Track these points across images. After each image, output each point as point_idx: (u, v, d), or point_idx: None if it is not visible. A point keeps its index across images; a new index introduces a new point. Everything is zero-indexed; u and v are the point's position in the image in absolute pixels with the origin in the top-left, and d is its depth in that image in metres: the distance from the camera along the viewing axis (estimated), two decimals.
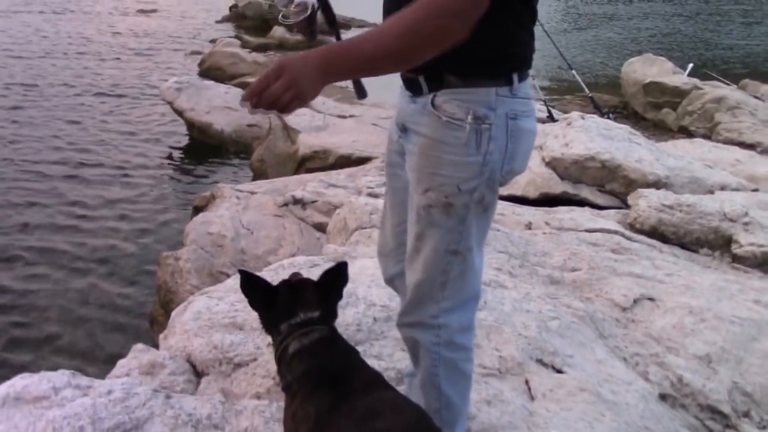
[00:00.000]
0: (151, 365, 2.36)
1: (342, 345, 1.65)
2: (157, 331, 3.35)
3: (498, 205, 1.98)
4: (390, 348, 2.43)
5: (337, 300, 1.73)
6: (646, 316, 3.08)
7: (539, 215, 4.16)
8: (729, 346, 2.86)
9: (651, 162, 4.63)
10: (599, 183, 4.65)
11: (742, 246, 3.84)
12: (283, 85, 1.29)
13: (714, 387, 2.65)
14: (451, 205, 1.58)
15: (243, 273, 1.65)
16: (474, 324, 1.83)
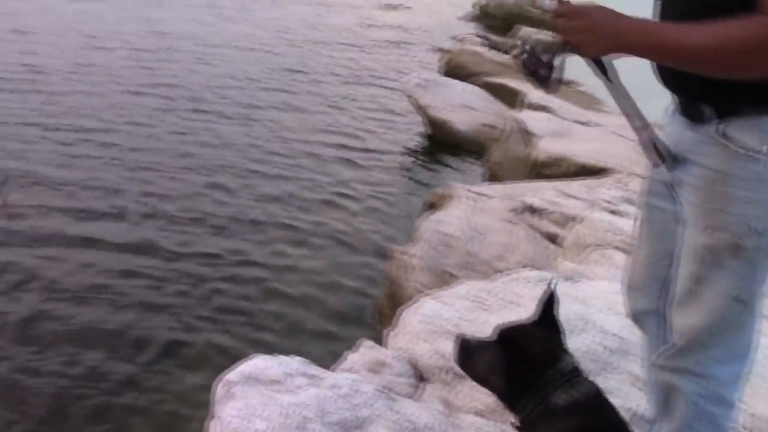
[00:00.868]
0: (377, 363, 2.41)
1: (607, 400, 1.50)
2: (385, 324, 3.43)
3: None
4: (625, 384, 2.25)
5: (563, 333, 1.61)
6: None
7: None
8: None
9: None
10: None
11: None
12: (579, 27, 1.36)
13: None
14: (742, 248, 1.42)
15: (462, 341, 1.53)
16: (742, 378, 1.64)
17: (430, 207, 5.45)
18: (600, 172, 5.80)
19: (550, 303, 1.61)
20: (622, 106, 1.54)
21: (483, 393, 2.24)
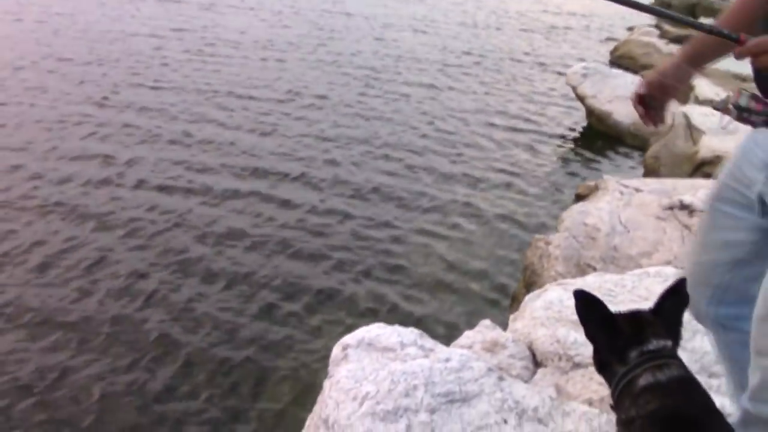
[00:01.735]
0: (493, 343, 2.41)
1: (699, 387, 1.45)
2: (515, 310, 3.41)
3: None
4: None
5: (680, 327, 1.54)
6: None
7: None
8: None
9: None
10: None
11: None
12: None
13: None
14: None
15: (580, 293, 1.51)
16: None
17: (579, 198, 5.31)
18: None
19: (667, 295, 1.55)
20: None
21: (596, 383, 2.19)
